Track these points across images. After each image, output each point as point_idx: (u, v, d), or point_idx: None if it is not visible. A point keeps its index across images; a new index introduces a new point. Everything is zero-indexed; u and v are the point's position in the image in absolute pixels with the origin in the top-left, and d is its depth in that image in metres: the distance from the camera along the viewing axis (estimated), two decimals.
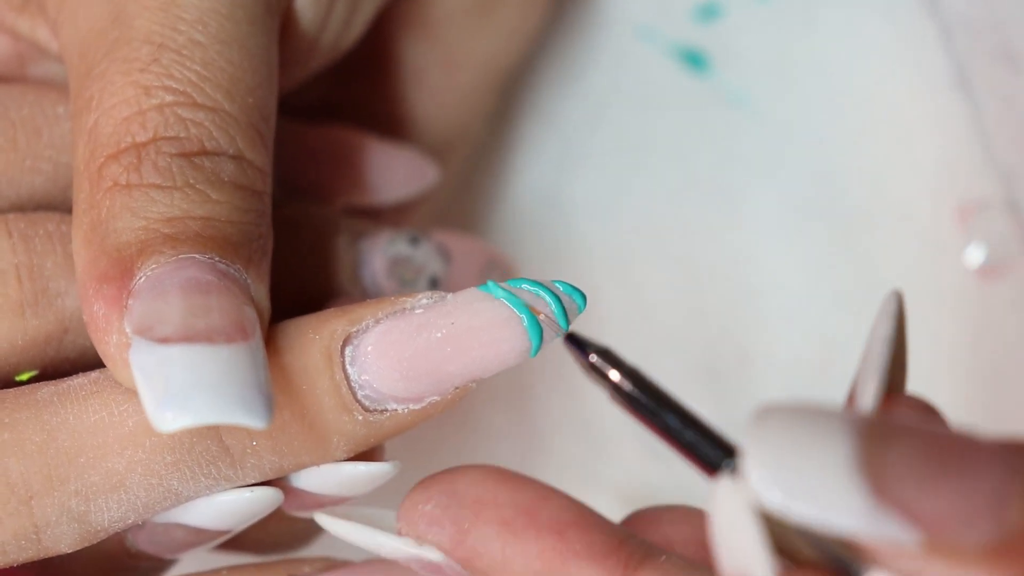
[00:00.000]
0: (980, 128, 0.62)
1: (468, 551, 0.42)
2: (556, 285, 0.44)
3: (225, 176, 0.44)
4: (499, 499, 0.42)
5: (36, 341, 0.45)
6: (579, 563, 0.41)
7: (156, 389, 0.40)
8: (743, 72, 0.64)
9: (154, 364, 0.41)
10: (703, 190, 0.63)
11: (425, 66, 0.57)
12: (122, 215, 0.43)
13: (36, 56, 0.50)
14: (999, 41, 0.62)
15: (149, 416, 0.40)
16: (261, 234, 0.44)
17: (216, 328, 0.41)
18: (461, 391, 0.44)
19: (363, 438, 0.44)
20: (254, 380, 0.41)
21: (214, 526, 0.44)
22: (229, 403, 0.40)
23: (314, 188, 0.54)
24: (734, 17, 0.64)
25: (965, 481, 0.35)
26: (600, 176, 0.64)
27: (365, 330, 0.44)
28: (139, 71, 0.44)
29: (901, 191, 0.63)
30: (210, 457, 0.43)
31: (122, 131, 0.44)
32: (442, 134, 0.58)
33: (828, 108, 0.63)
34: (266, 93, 0.46)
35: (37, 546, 0.43)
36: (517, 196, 0.64)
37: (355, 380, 0.43)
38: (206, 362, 0.40)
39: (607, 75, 0.64)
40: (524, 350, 0.43)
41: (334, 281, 0.51)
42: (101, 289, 0.42)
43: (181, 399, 0.40)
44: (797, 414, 0.36)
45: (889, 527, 0.35)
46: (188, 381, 0.40)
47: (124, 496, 0.43)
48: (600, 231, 0.64)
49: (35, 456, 0.43)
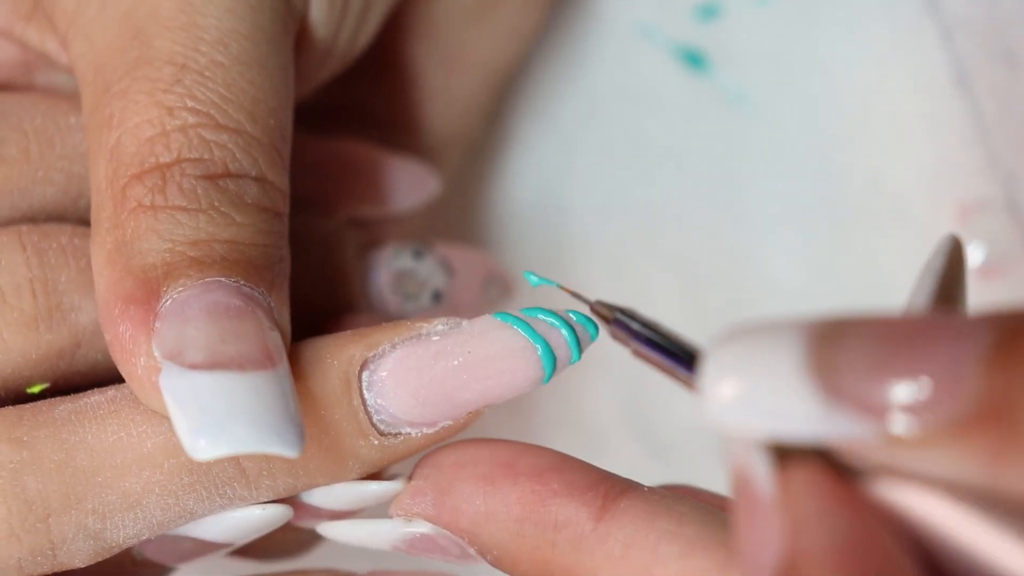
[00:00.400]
0: (980, 128, 0.62)
1: (450, 512, 0.43)
2: (570, 315, 0.45)
3: (249, 198, 0.44)
4: (477, 457, 0.43)
5: (49, 355, 0.45)
6: (559, 501, 0.42)
7: (190, 416, 0.40)
8: (743, 72, 0.64)
9: (186, 390, 0.41)
10: (702, 189, 0.63)
11: (426, 66, 0.58)
12: (148, 237, 0.43)
13: (43, 66, 0.50)
14: (999, 41, 0.62)
15: (183, 443, 0.40)
16: (282, 256, 0.45)
17: (245, 355, 0.41)
18: (473, 415, 0.44)
19: (377, 461, 0.44)
20: (285, 409, 0.41)
21: (222, 539, 0.45)
22: (264, 433, 0.40)
23: (318, 200, 0.54)
24: (734, 17, 0.64)
25: (916, 364, 0.34)
26: (599, 175, 0.64)
27: (382, 355, 0.44)
28: (162, 91, 0.44)
29: (901, 191, 0.63)
30: (226, 479, 0.43)
31: (146, 151, 0.44)
32: (443, 134, 0.58)
33: (828, 108, 0.63)
34: (284, 113, 0.46)
35: (52, 562, 0.43)
36: (516, 195, 0.64)
37: (371, 405, 0.44)
38: (237, 390, 0.41)
39: (607, 74, 0.64)
40: (538, 379, 0.44)
41: (344, 295, 0.52)
42: (128, 310, 0.42)
43: (216, 427, 0.40)
44: (752, 330, 0.35)
45: (848, 426, 0.34)
46: (222, 409, 0.40)
47: (140, 515, 0.43)
48: (599, 230, 0.64)
49: (53, 475, 0.43)
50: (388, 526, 0.44)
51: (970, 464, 0.34)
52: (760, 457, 0.36)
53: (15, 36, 0.49)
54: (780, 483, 0.35)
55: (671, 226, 0.63)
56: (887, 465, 0.35)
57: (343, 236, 0.52)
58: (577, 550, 0.41)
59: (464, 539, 0.43)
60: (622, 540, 0.41)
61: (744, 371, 0.35)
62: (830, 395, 0.34)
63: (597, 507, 0.41)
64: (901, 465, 0.35)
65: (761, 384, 0.35)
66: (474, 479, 0.43)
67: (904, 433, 0.34)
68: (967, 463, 0.34)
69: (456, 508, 0.43)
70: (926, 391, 0.34)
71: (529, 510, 0.42)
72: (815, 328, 0.35)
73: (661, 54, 0.64)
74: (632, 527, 0.40)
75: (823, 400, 0.34)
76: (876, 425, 0.34)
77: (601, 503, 0.41)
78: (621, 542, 0.41)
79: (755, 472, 0.36)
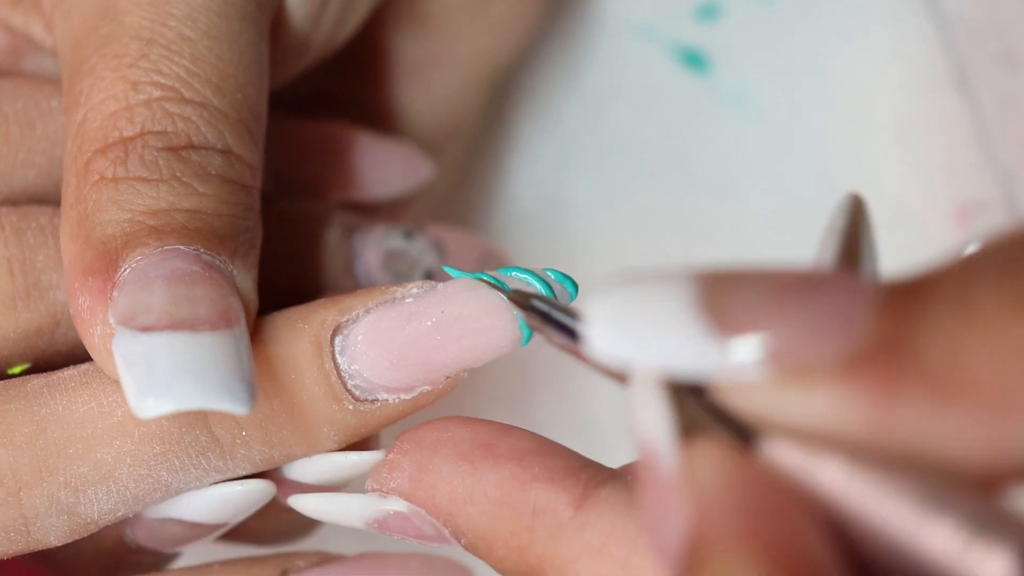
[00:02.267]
0: (980, 128, 0.62)
1: (427, 489, 0.42)
2: (547, 273, 0.44)
3: (212, 170, 0.44)
4: (457, 436, 0.42)
5: (27, 334, 0.45)
6: (539, 486, 0.41)
7: (138, 377, 0.40)
8: (743, 72, 0.64)
9: (137, 353, 0.41)
10: (702, 189, 0.63)
11: (418, 60, 0.57)
12: (108, 208, 0.43)
13: (30, 50, 0.50)
14: (999, 41, 0.62)
15: (130, 403, 0.40)
16: (248, 227, 0.44)
17: (199, 317, 0.41)
18: (452, 380, 0.44)
19: (353, 428, 0.44)
20: (237, 367, 0.41)
21: (208, 520, 0.44)
22: (211, 389, 0.40)
23: (308, 184, 0.54)
24: (734, 17, 0.64)
25: (810, 302, 0.34)
26: (599, 175, 0.64)
27: (355, 320, 0.44)
28: (127, 66, 0.44)
29: (900, 191, 0.63)
30: (199, 448, 0.43)
31: (109, 126, 0.44)
32: (435, 128, 0.58)
33: (828, 108, 0.63)
34: (256, 90, 0.46)
35: (26, 538, 0.43)
36: (515, 195, 0.64)
37: (345, 370, 0.43)
38: (189, 349, 0.41)
39: (606, 74, 0.64)
40: (515, 338, 0.43)
41: (326, 275, 0.51)
42: (86, 282, 0.42)
43: (163, 386, 0.40)
44: (637, 277, 0.35)
45: (736, 356, 0.34)
46: (170, 369, 0.40)
47: (113, 487, 0.43)
48: (599, 230, 0.64)
49: (24, 447, 0.43)
50: (362, 501, 0.43)
51: (860, 406, 0.33)
52: (664, 432, 0.35)
53: (1, 20, 0.49)
54: (684, 459, 0.34)
55: (671, 226, 0.63)
56: (781, 421, 0.34)
57: (328, 217, 0.52)
58: (555, 538, 0.40)
59: (439, 520, 0.42)
60: (601, 530, 0.39)
61: (633, 309, 0.35)
62: (721, 327, 0.34)
63: (577, 494, 0.40)
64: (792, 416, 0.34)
65: (651, 320, 0.34)
66: (454, 458, 0.42)
67: (792, 368, 0.34)
68: (856, 405, 0.33)
69: (433, 486, 0.42)
70: (816, 327, 0.33)
71: (508, 493, 0.41)
72: (706, 273, 0.35)
73: (661, 54, 0.64)
74: (612, 517, 0.39)
75: (713, 332, 0.34)
76: (765, 357, 0.34)
77: (582, 491, 0.40)
78: (600, 532, 0.39)
79: (659, 448, 0.35)
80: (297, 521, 0.49)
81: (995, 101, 0.62)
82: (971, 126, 0.62)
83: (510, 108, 0.65)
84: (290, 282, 0.51)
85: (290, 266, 0.51)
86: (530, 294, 0.43)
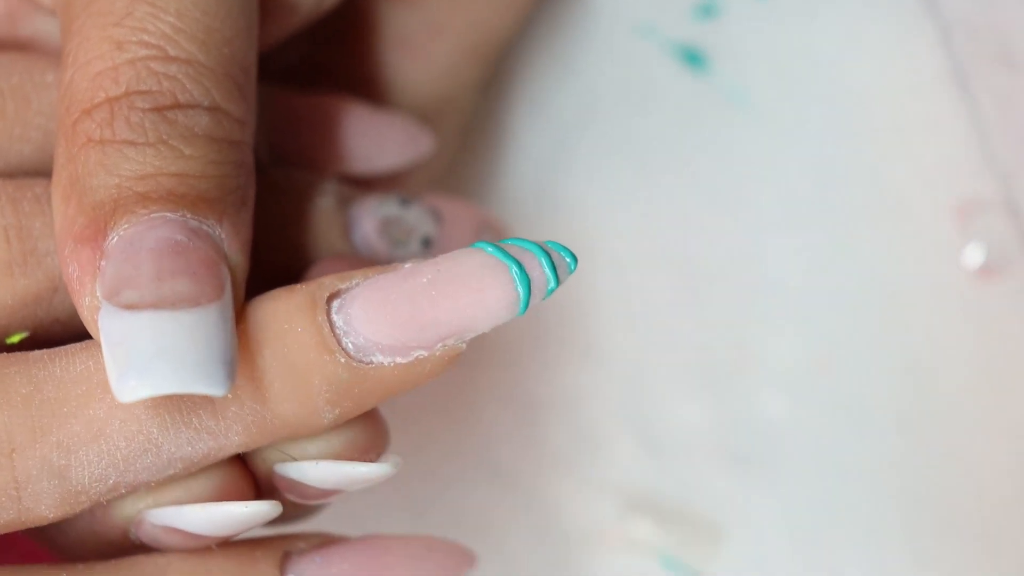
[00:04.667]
0: (979, 128, 0.62)
1: None
2: (547, 244, 0.44)
3: (199, 129, 0.43)
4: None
5: (26, 301, 0.45)
6: None
7: (118, 357, 0.40)
8: (742, 71, 0.64)
9: (119, 331, 0.40)
10: (701, 188, 0.63)
11: (408, 31, 0.57)
12: (97, 172, 0.43)
13: (27, 12, 0.49)
14: (999, 41, 0.62)
15: (112, 386, 0.40)
16: (239, 185, 0.44)
17: (181, 293, 0.41)
18: (450, 352, 0.43)
19: (347, 385, 0.43)
20: (216, 346, 0.41)
21: (212, 533, 0.44)
22: (188, 373, 0.40)
23: (305, 157, 0.54)
24: (733, 15, 0.64)
25: None
26: (596, 174, 0.64)
27: (353, 286, 0.44)
28: (113, 25, 0.44)
29: (900, 191, 0.63)
30: (190, 403, 0.43)
31: (95, 87, 0.43)
32: (427, 101, 0.58)
33: (827, 107, 0.63)
34: (244, 43, 0.45)
35: (18, 505, 0.43)
36: (511, 193, 0.64)
37: (340, 327, 0.43)
38: (169, 329, 0.40)
39: (605, 73, 0.64)
40: (512, 300, 0.43)
41: (322, 244, 0.51)
42: (76, 250, 0.42)
43: (142, 369, 0.40)
44: None
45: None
46: (150, 350, 0.40)
47: (104, 446, 0.42)
48: (596, 229, 0.63)
49: (20, 408, 0.42)
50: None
51: None
52: None
53: None
54: None
55: (670, 225, 0.63)
56: None
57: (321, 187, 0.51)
58: None
59: None
60: None
61: None
62: None
63: None
64: None
65: None
66: None
67: None
68: None
69: None
70: None
71: None
72: None
73: (660, 53, 0.64)
74: None
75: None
76: None
77: None
78: None
79: None
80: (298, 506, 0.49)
81: (994, 101, 0.62)
82: (970, 126, 0.62)
83: (507, 105, 0.64)
84: (285, 252, 0.50)
85: (285, 236, 0.51)
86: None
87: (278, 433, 0.43)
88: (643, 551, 0.60)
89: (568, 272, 0.44)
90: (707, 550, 0.60)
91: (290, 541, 0.46)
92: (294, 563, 0.45)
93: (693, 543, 0.60)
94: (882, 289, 0.62)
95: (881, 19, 0.63)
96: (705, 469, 0.61)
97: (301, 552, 0.46)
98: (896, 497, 0.60)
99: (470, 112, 0.61)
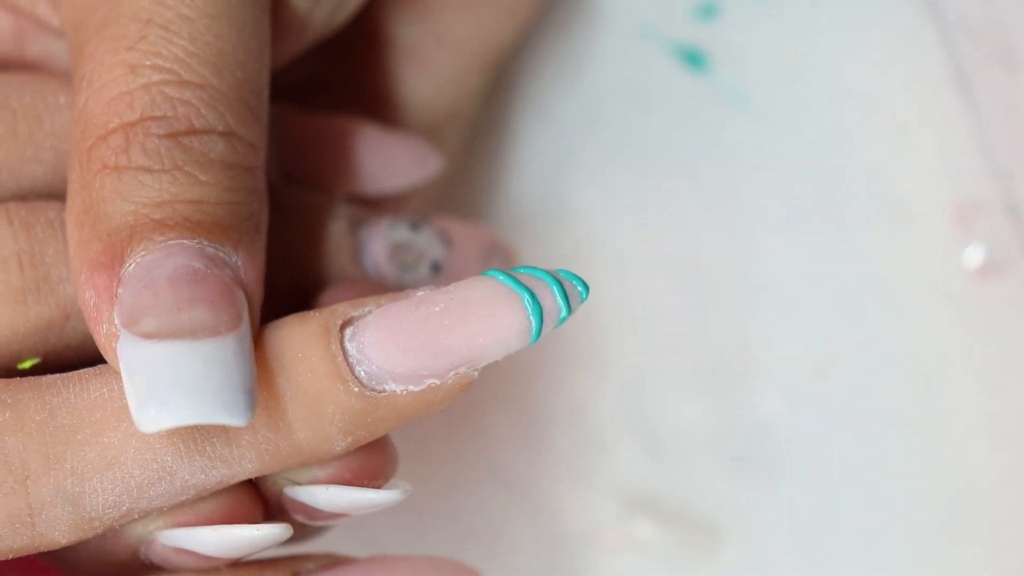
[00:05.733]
0: (979, 128, 0.62)
1: None
2: (559, 273, 0.44)
3: (214, 155, 0.43)
4: None
5: (38, 328, 0.45)
6: None
7: (138, 387, 0.40)
8: (742, 71, 0.64)
9: (138, 360, 0.40)
10: (701, 189, 0.63)
11: (416, 43, 0.57)
12: (112, 199, 0.42)
13: (36, 32, 0.49)
14: (999, 41, 0.62)
15: (132, 416, 0.40)
16: (253, 212, 0.44)
17: (200, 323, 0.41)
18: (462, 380, 0.43)
19: (359, 413, 0.43)
20: (236, 376, 0.41)
21: (223, 555, 0.44)
22: (208, 403, 0.40)
23: (315, 178, 0.54)
24: (734, 16, 0.64)
25: None
26: (598, 175, 0.64)
27: (366, 313, 0.43)
28: (126, 49, 0.44)
29: (900, 191, 0.63)
30: (205, 433, 0.43)
31: (110, 112, 0.43)
32: (435, 113, 0.57)
33: (827, 108, 0.63)
34: (257, 66, 0.45)
35: (32, 531, 0.42)
36: (514, 194, 0.64)
37: (353, 355, 0.43)
38: (188, 359, 0.40)
39: (606, 73, 0.64)
40: (524, 329, 0.43)
41: (332, 267, 0.51)
42: (92, 277, 0.42)
43: (162, 399, 0.40)
44: None
45: None
46: (170, 380, 0.40)
47: (118, 474, 0.42)
48: (598, 230, 0.63)
49: (34, 435, 0.42)
50: None
51: None
52: None
53: (6, 2, 0.48)
54: None
55: (670, 225, 0.63)
56: None
57: (332, 210, 0.51)
58: None
59: None
60: None
61: None
62: None
63: None
64: None
65: None
66: None
67: None
68: None
69: None
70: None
71: None
72: None
73: (660, 53, 0.64)
74: None
75: None
76: None
77: None
78: None
79: None
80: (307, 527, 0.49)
81: (994, 101, 0.62)
82: (970, 126, 0.62)
83: (509, 106, 0.64)
84: (296, 275, 0.50)
85: (295, 259, 0.50)
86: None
87: (291, 460, 0.43)
88: (644, 552, 0.60)
89: (580, 301, 0.44)
90: (708, 551, 0.60)
91: (298, 562, 0.46)
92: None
93: (694, 544, 0.60)
94: (882, 290, 0.62)
95: (882, 20, 0.63)
96: (706, 471, 0.61)
97: (309, 572, 0.46)
98: (896, 499, 0.61)
99: (474, 120, 0.61)
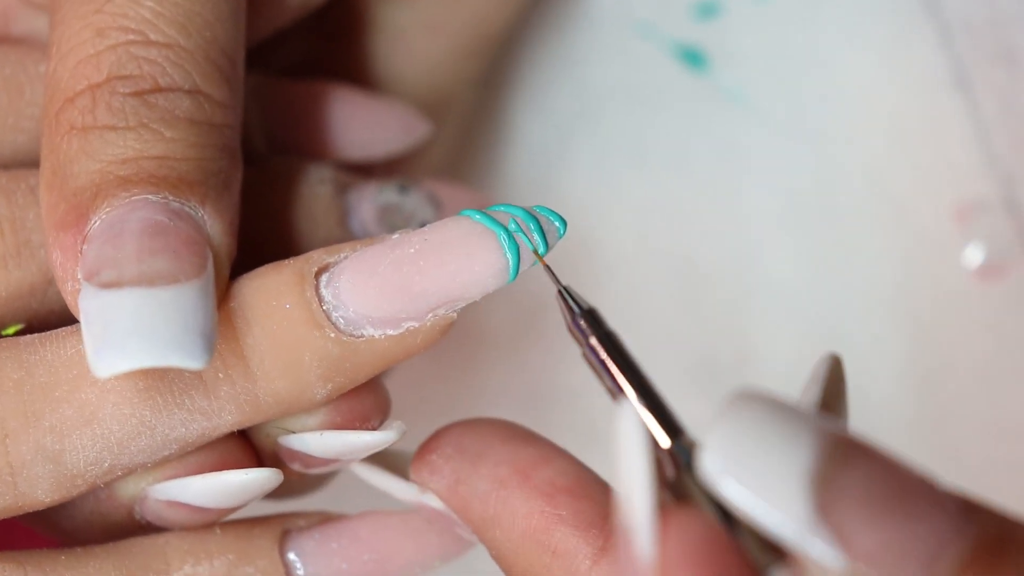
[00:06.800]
0: (979, 128, 0.62)
1: (461, 501, 0.43)
2: (535, 209, 0.44)
3: (180, 112, 0.44)
4: (499, 456, 0.43)
5: (20, 292, 0.45)
6: (563, 530, 0.42)
7: (95, 334, 0.40)
8: (742, 70, 0.64)
9: (96, 310, 0.40)
10: (700, 188, 0.63)
11: (406, 28, 0.57)
12: (79, 159, 0.43)
13: (22, 10, 0.49)
14: (999, 41, 0.62)
15: (89, 363, 0.40)
16: (221, 168, 0.44)
17: (159, 271, 0.41)
18: (441, 321, 0.43)
19: (337, 360, 0.43)
20: (193, 322, 0.40)
21: (215, 505, 0.44)
22: (163, 345, 0.40)
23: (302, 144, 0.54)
24: (733, 15, 0.64)
25: (908, 525, 0.35)
26: (597, 173, 0.64)
27: (342, 259, 0.43)
28: (93, 13, 0.44)
29: (900, 191, 0.63)
30: (182, 385, 0.42)
31: (78, 75, 0.44)
32: (425, 98, 0.57)
33: (827, 107, 0.63)
34: (228, 28, 0.45)
35: (14, 491, 0.43)
36: (512, 191, 0.64)
37: (328, 301, 0.43)
38: (146, 306, 0.40)
39: (605, 72, 0.64)
40: (501, 267, 0.43)
41: (320, 231, 0.51)
42: (59, 237, 0.42)
43: (117, 343, 0.40)
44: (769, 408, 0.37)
45: (823, 546, 0.35)
46: (127, 326, 0.40)
47: (97, 430, 0.42)
48: (596, 228, 0.63)
49: (12, 393, 0.42)
50: (403, 489, 0.44)
51: None
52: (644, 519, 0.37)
53: None
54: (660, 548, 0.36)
55: (669, 224, 0.63)
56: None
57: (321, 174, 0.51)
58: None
59: (470, 527, 0.43)
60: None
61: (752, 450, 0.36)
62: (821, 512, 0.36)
63: (598, 547, 0.41)
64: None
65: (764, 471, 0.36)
66: (490, 479, 0.42)
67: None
68: None
69: (467, 500, 0.43)
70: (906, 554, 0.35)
71: (533, 529, 0.42)
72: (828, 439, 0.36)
73: (660, 52, 0.64)
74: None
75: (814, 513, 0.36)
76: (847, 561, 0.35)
77: (603, 543, 0.41)
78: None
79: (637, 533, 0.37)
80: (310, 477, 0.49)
81: (995, 101, 0.62)
82: (971, 126, 0.62)
83: (507, 104, 0.64)
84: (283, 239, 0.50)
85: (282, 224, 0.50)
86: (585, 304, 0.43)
87: (272, 411, 0.43)
88: None
89: (557, 236, 0.43)
90: None
91: (289, 519, 0.46)
92: (293, 540, 0.45)
93: None
94: (882, 289, 0.62)
95: (881, 19, 0.63)
96: None
97: (300, 529, 0.46)
98: None
99: (469, 108, 0.61)
